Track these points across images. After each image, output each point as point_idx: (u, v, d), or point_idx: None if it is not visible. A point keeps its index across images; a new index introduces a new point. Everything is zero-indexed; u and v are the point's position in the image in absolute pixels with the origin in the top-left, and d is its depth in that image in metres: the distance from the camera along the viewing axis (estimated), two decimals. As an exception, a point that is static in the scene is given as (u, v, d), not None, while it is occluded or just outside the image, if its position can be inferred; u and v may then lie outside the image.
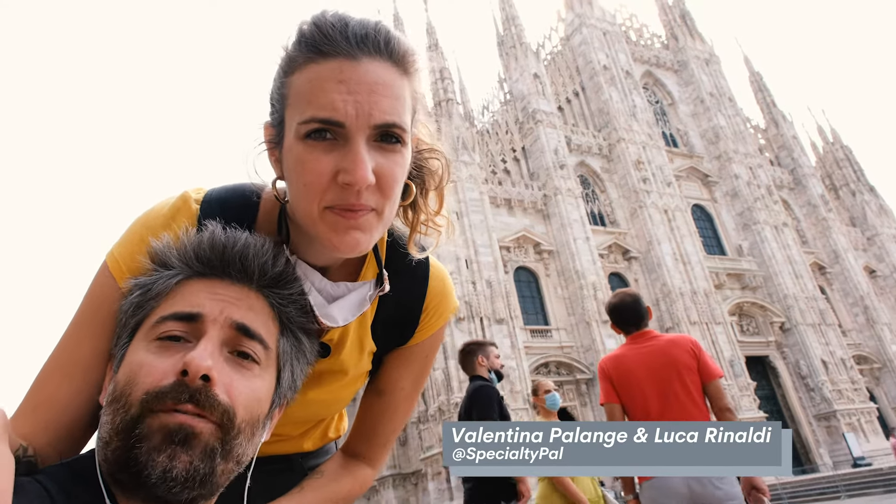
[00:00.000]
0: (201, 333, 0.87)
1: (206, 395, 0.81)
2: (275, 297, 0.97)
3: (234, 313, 0.90)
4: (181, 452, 0.79)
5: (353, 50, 0.90)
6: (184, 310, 0.89)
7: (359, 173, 0.87)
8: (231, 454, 0.85)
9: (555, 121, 44.48)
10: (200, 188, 1.13)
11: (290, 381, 0.99)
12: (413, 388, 1.28)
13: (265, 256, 0.97)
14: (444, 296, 1.22)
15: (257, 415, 0.90)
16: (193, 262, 0.95)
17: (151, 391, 0.81)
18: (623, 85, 48.28)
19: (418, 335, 1.22)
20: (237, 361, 0.89)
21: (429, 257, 1.20)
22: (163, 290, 0.93)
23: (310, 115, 0.89)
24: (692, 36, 56.51)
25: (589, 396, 36.95)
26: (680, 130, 52.33)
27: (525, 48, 46.87)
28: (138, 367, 0.85)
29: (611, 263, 42.26)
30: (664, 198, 44.79)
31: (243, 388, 0.87)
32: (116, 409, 0.83)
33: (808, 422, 41.90)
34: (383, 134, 0.92)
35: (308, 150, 0.90)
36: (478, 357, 4.94)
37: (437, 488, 32.67)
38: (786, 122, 58.25)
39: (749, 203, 48.34)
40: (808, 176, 55.23)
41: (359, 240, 0.93)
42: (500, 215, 39.85)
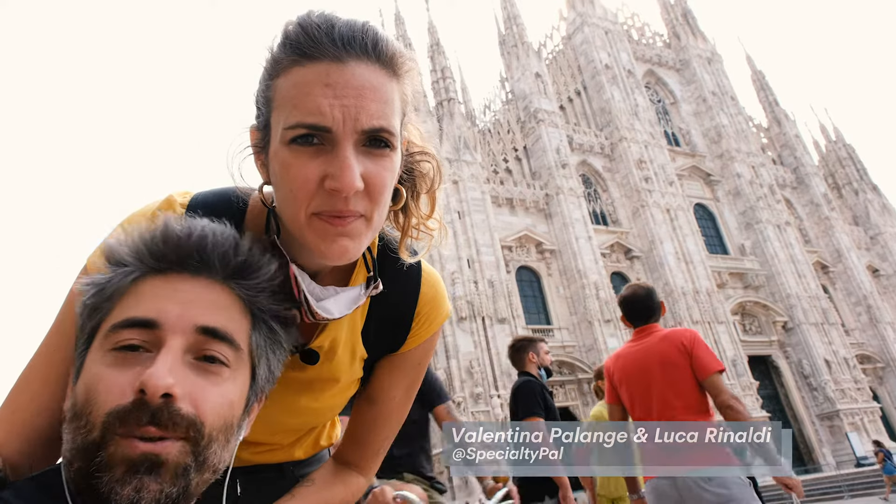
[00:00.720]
0: (161, 342, 0.80)
1: (168, 411, 0.76)
2: (241, 287, 0.90)
3: (197, 315, 0.83)
4: (149, 482, 0.74)
5: (339, 52, 0.88)
6: (139, 315, 0.82)
7: (346, 179, 0.85)
8: (206, 465, 0.81)
9: (556, 120, 44.43)
10: (187, 191, 1.11)
11: (266, 375, 0.94)
12: (405, 396, 1.25)
13: (226, 245, 0.90)
14: (436, 302, 1.19)
15: (230, 420, 0.85)
16: (147, 258, 0.87)
17: (112, 412, 0.75)
18: (625, 84, 48.21)
19: (410, 342, 1.20)
20: (203, 367, 0.82)
21: (421, 262, 1.17)
22: (117, 290, 0.85)
23: (296, 121, 0.87)
24: (694, 35, 56.41)
25: (591, 396, 36.90)
26: (682, 129, 52.25)
27: (527, 47, 46.82)
28: (96, 381, 0.79)
29: (613, 263, 42.22)
30: (666, 197, 44.72)
31: (211, 396, 0.81)
32: (77, 428, 0.77)
33: (811, 421, 41.82)
34: (371, 139, 0.89)
35: (294, 155, 0.88)
36: (528, 354, 4.93)
37: (440, 488, 32.68)
38: (788, 121, 58.12)
39: (751, 202, 48.24)
40: (811, 175, 55.10)
41: (347, 247, 0.90)
42: (501, 215, 39.83)
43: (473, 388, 32.37)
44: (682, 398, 3.63)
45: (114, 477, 0.74)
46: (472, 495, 5.13)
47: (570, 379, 37.04)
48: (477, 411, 31.94)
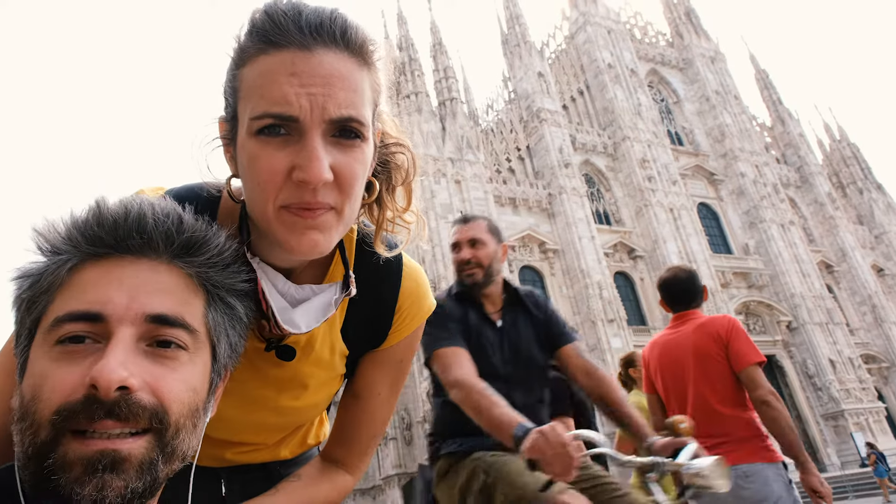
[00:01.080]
0: (109, 333, 0.73)
1: (126, 404, 0.70)
2: (189, 265, 0.83)
3: (145, 303, 0.76)
4: (112, 479, 0.69)
5: (306, 40, 0.85)
6: (82, 308, 0.74)
7: (313, 170, 0.82)
8: (174, 454, 0.76)
9: (559, 119, 44.37)
10: (160, 187, 1.08)
11: (227, 352, 0.88)
12: (390, 393, 1.23)
13: (168, 222, 0.82)
14: (417, 296, 1.17)
15: (195, 405, 0.79)
16: (81, 243, 0.79)
17: (61, 409, 0.69)
18: (628, 83, 48.12)
19: (392, 337, 1.17)
20: (159, 353, 0.76)
21: (402, 256, 1.15)
22: (54, 281, 0.77)
23: (262, 111, 0.84)
24: (697, 34, 56.29)
25: (594, 396, 36.81)
26: (685, 129, 52.14)
27: (529, 47, 46.76)
28: (42, 379, 0.72)
29: (616, 262, 42.14)
30: (670, 196, 44.62)
31: (172, 383, 0.75)
32: (24, 430, 0.71)
33: (816, 421, 41.69)
34: (341, 129, 0.86)
35: (261, 146, 0.85)
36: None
37: (443, 488, 32.62)
38: (792, 120, 57.97)
39: (755, 201, 48.11)
40: (815, 174, 54.94)
41: (317, 241, 0.87)
42: (504, 214, 39.76)
43: (476, 389, 32.29)
44: (717, 391, 3.41)
45: (72, 476, 0.68)
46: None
47: (573, 379, 36.94)
48: (480, 411, 31.86)
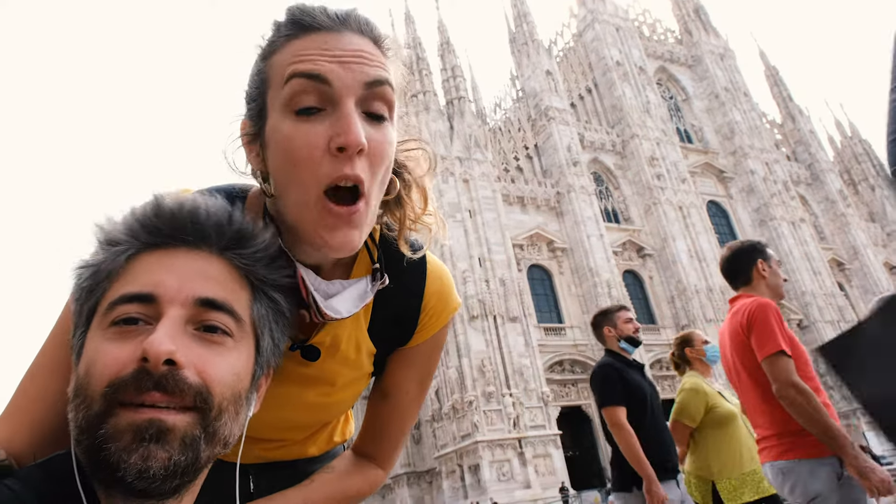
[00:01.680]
0: (160, 314, 0.78)
1: (173, 379, 0.74)
2: (238, 258, 0.87)
3: (195, 287, 0.81)
4: (157, 449, 0.72)
5: (335, 24, 0.91)
6: (135, 290, 0.80)
7: (353, 133, 0.85)
8: (216, 437, 0.79)
9: (567, 118, 44.27)
10: (186, 189, 1.09)
11: (271, 347, 0.91)
12: (418, 391, 1.25)
13: (219, 215, 0.87)
14: (442, 295, 1.17)
15: (238, 391, 0.82)
16: (140, 232, 0.84)
17: (113, 382, 0.74)
18: (636, 81, 47.95)
19: (418, 336, 1.18)
20: (206, 337, 0.80)
21: (427, 255, 1.16)
22: (113, 268, 0.83)
23: (292, 71, 0.88)
24: (706, 31, 55.99)
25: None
26: (694, 126, 51.90)
27: (537, 45, 46.68)
28: (95, 355, 0.77)
29: (625, 261, 42.01)
30: (679, 194, 44.43)
31: (217, 365, 0.79)
32: (78, 405, 0.76)
33: (827, 420, 41.39)
34: (370, 112, 0.90)
35: (297, 124, 0.88)
36: (604, 328, 4.46)
37: (452, 486, 32.67)
38: (802, 117, 57.58)
39: (765, 199, 47.82)
40: (826, 171, 54.54)
41: (350, 237, 0.90)
42: (513, 213, 39.74)
43: (485, 387, 32.31)
44: (756, 382, 3.23)
45: (120, 445, 0.72)
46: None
47: (582, 378, 36.86)
48: (489, 410, 31.89)
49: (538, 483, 30.85)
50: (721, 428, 4.14)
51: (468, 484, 31.46)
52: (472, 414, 31.61)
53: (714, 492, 4.02)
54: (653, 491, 3.83)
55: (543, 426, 32.79)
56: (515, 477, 30.86)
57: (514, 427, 31.98)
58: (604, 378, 4.22)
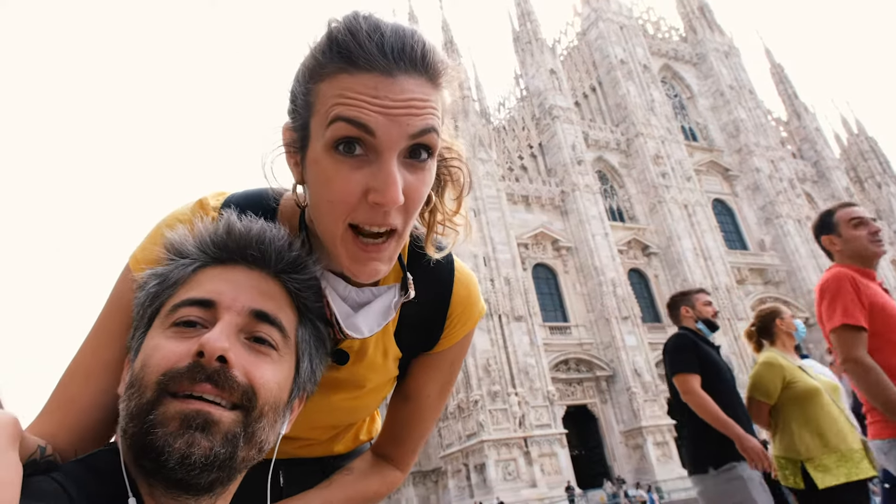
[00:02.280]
0: (217, 319, 0.86)
1: (224, 375, 0.80)
2: (292, 282, 0.95)
3: (251, 300, 0.89)
4: (201, 438, 0.78)
5: (389, 65, 0.86)
6: (199, 296, 0.88)
7: (390, 194, 0.85)
8: (254, 439, 0.84)
9: (572, 116, 44.22)
10: (221, 192, 1.12)
11: (308, 372, 0.97)
12: (440, 395, 1.26)
13: (281, 241, 0.96)
14: (469, 302, 1.19)
15: (279, 400, 0.88)
16: (210, 247, 0.94)
17: (167, 372, 0.80)
18: (641, 79, 47.85)
19: (444, 341, 1.20)
20: (254, 347, 0.87)
21: (454, 262, 1.18)
22: (180, 278, 0.92)
23: (337, 113, 0.86)
24: (711, 28, 55.81)
25: (609, 394, 36.72)
26: (699, 124, 51.75)
27: (541, 44, 46.63)
28: (153, 350, 0.84)
29: (630, 259, 41.94)
30: (684, 192, 44.33)
31: (262, 372, 0.85)
32: (131, 395, 0.82)
33: (834, 418, 41.24)
34: (413, 150, 0.89)
35: (336, 165, 0.87)
36: (681, 308, 4.43)
37: (458, 486, 32.70)
38: (808, 114, 57.32)
39: (771, 197, 47.66)
40: (832, 168, 54.30)
41: (378, 269, 0.93)
42: (517, 212, 39.73)
43: (491, 386, 32.33)
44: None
45: (167, 430, 0.77)
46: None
47: (587, 376, 36.84)
48: (495, 409, 31.91)
49: (544, 482, 30.86)
50: (803, 405, 3.81)
51: (474, 483, 31.48)
52: (478, 413, 31.64)
53: (805, 474, 3.71)
54: (747, 447, 3.62)
55: (549, 425, 32.78)
56: (521, 476, 30.87)
57: (520, 426, 31.99)
58: (677, 346, 4.15)
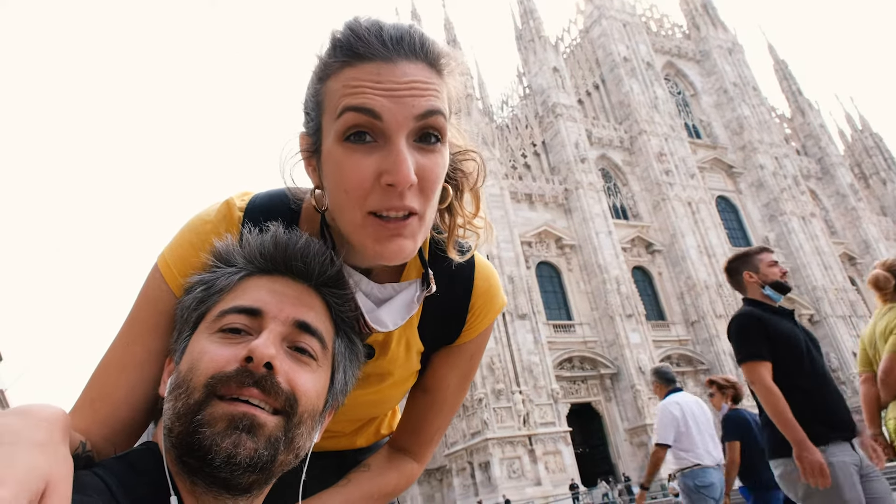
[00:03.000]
0: (262, 328, 0.89)
1: (270, 381, 0.84)
2: (332, 296, 1.00)
3: (295, 311, 0.93)
4: (247, 440, 0.81)
5: (389, 52, 0.89)
6: (246, 304, 0.91)
7: (402, 173, 0.86)
8: (292, 444, 0.87)
9: (575, 114, 44.17)
10: (246, 193, 1.14)
11: (342, 384, 1.00)
12: (459, 387, 1.28)
13: (325, 256, 0.99)
14: (490, 295, 1.20)
15: (316, 408, 0.92)
16: (257, 258, 0.98)
17: (216, 375, 0.83)
18: (644, 76, 47.75)
19: (465, 334, 1.21)
20: (296, 356, 0.91)
21: (474, 255, 1.18)
22: (226, 285, 0.96)
23: (344, 104, 0.88)
24: (714, 25, 55.65)
25: (613, 392, 36.70)
26: (703, 121, 51.62)
27: (544, 42, 46.57)
28: (200, 354, 0.87)
29: (634, 257, 41.89)
30: (687, 190, 44.24)
31: (303, 380, 0.89)
32: (178, 395, 0.85)
33: (839, 415, 41.13)
34: (423, 135, 0.91)
35: (348, 153, 0.89)
36: (743, 275, 3.77)
37: (462, 484, 32.74)
38: (812, 111, 57.13)
39: (775, 194, 47.52)
40: (837, 165, 54.11)
41: (403, 246, 0.91)
42: (520, 210, 39.72)
43: (495, 385, 32.35)
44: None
45: (215, 430, 0.81)
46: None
47: (592, 374, 36.82)
48: (498, 407, 31.93)
49: (548, 480, 30.87)
50: None
51: (478, 481, 31.51)
52: (482, 411, 31.66)
53: None
54: (804, 457, 3.21)
55: (553, 423, 32.79)
56: (526, 474, 30.89)
57: (524, 424, 32.00)
58: (741, 328, 3.58)
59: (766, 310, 3.63)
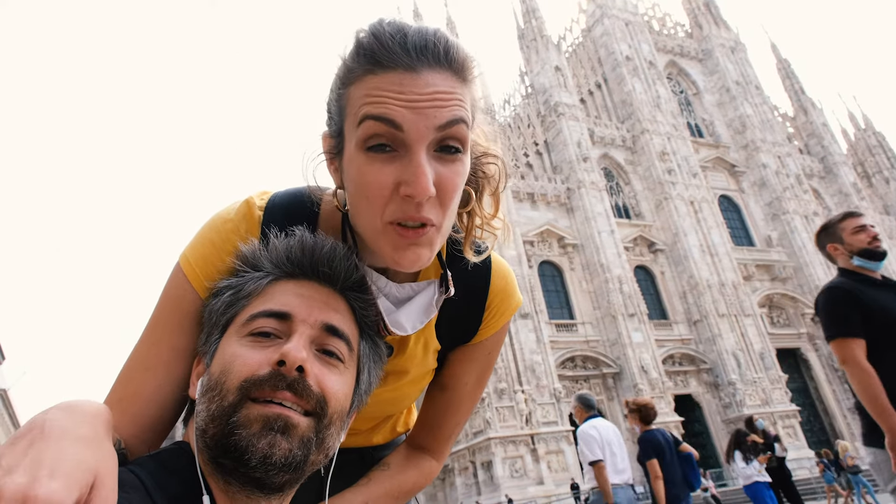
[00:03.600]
0: (292, 331, 0.91)
1: (302, 384, 0.86)
2: (357, 300, 1.02)
3: (323, 315, 0.95)
4: (281, 440, 0.84)
5: (412, 62, 0.89)
6: (276, 308, 0.93)
7: (420, 185, 0.86)
8: (323, 444, 0.90)
9: (577, 113, 44.13)
10: (265, 192, 1.15)
11: (367, 384, 1.03)
12: (476, 384, 1.28)
13: (350, 261, 1.01)
14: (506, 294, 1.22)
15: (344, 409, 0.94)
16: (284, 262, 0.99)
17: (249, 378, 0.85)
18: (646, 75, 47.68)
19: (482, 333, 1.22)
20: (324, 359, 0.93)
21: (491, 255, 1.20)
22: (254, 289, 0.97)
23: (365, 112, 0.89)
24: (717, 24, 55.55)
25: (616, 391, 36.67)
26: (705, 120, 51.53)
27: (546, 41, 46.53)
28: (233, 358, 0.89)
29: (636, 256, 41.84)
30: (690, 189, 44.17)
31: (333, 382, 0.92)
32: (212, 398, 0.87)
33: (843, 415, 41.05)
34: (444, 145, 0.91)
35: (369, 162, 0.89)
36: (827, 248, 3.48)
37: (465, 483, 32.76)
38: (815, 110, 56.99)
39: (778, 193, 47.44)
40: (840, 164, 53.98)
41: (420, 255, 0.93)
42: (523, 209, 39.70)
43: (497, 384, 32.35)
44: None
45: (251, 431, 0.83)
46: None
47: (594, 374, 36.80)
48: (501, 407, 31.94)
49: (551, 479, 30.87)
50: None
51: (481, 480, 31.53)
52: (485, 411, 31.66)
53: None
54: (894, 446, 2.90)
55: (556, 422, 32.78)
56: (528, 473, 30.90)
57: (527, 424, 32.00)
58: (828, 302, 3.25)
59: (861, 281, 3.27)
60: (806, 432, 38.86)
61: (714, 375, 38.85)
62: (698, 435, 37.54)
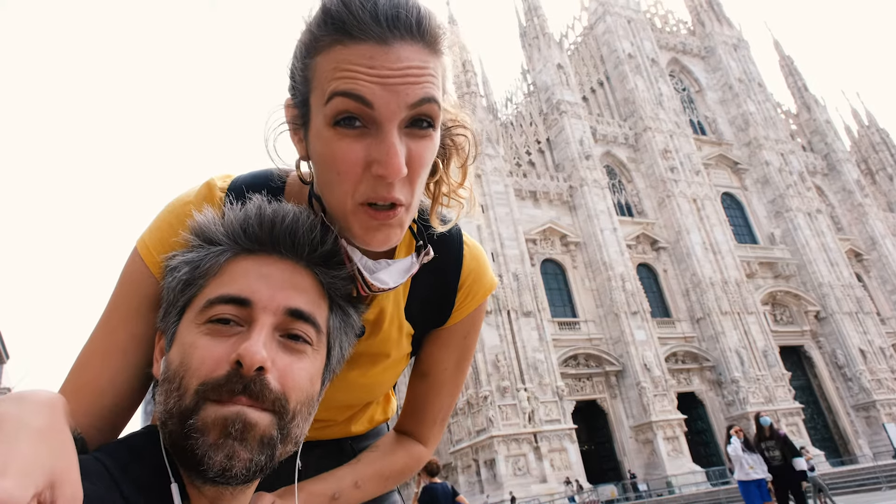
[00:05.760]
0: (253, 319, 0.85)
1: (259, 384, 0.81)
2: (324, 275, 0.95)
3: (286, 297, 0.88)
4: (239, 449, 0.79)
5: (384, 33, 0.84)
6: (235, 293, 0.87)
7: (393, 166, 0.84)
8: (289, 437, 0.86)
9: (579, 111, 44.08)
10: (228, 175, 1.11)
11: (339, 356, 0.99)
12: (457, 368, 1.27)
13: (314, 233, 0.94)
14: (479, 274, 1.19)
15: (311, 395, 0.90)
16: (241, 238, 0.92)
17: (207, 382, 0.81)
18: (649, 73, 47.60)
19: (455, 315, 1.20)
20: (289, 345, 0.87)
21: (462, 234, 1.18)
22: (211, 268, 0.90)
23: (334, 88, 0.85)
24: (719, 21, 55.42)
25: (619, 389, 36.67)
26: (708, 118, 51.44)
27: (548, 39, 46.49)
28: (191, 349, 0.84)
29: (639, 254, 41.81)
30: (693, 186, 44.10)
31: (297, 372, 0.86)
32: (169, 392, 0.83)
33: (846, 412, 41.00)
34: (415, 119, 0.88)
35: (338, 137, 0.87)
36: None
37: (468, 481, 32.79)
38: (818, 107, 56.83)
39: (781, 190, 47.33)
40: (843, 161, 53.84)
41: (390, 236, 0.92)
42: (525, 208, 39.68)
43: (500, 382, 32.37)
44: None
45: (208, 441, 0.79)
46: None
47: (597, 371, 36.80)
48: (504, 405, 31.94)
49: (554, 477, 30.89)
50: None
51: (484, 478, 31.56)
52: (487, 409, 31.69)
53: None
54: None
55: (558, 420, 32.80)
56: (531, 471, 30.92)
57: (530, 422, 32.02)
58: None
59: None
60: (809, 430, 38.80)
61: (717, 373, 38.82)
62: (701, 433, 37.54)
